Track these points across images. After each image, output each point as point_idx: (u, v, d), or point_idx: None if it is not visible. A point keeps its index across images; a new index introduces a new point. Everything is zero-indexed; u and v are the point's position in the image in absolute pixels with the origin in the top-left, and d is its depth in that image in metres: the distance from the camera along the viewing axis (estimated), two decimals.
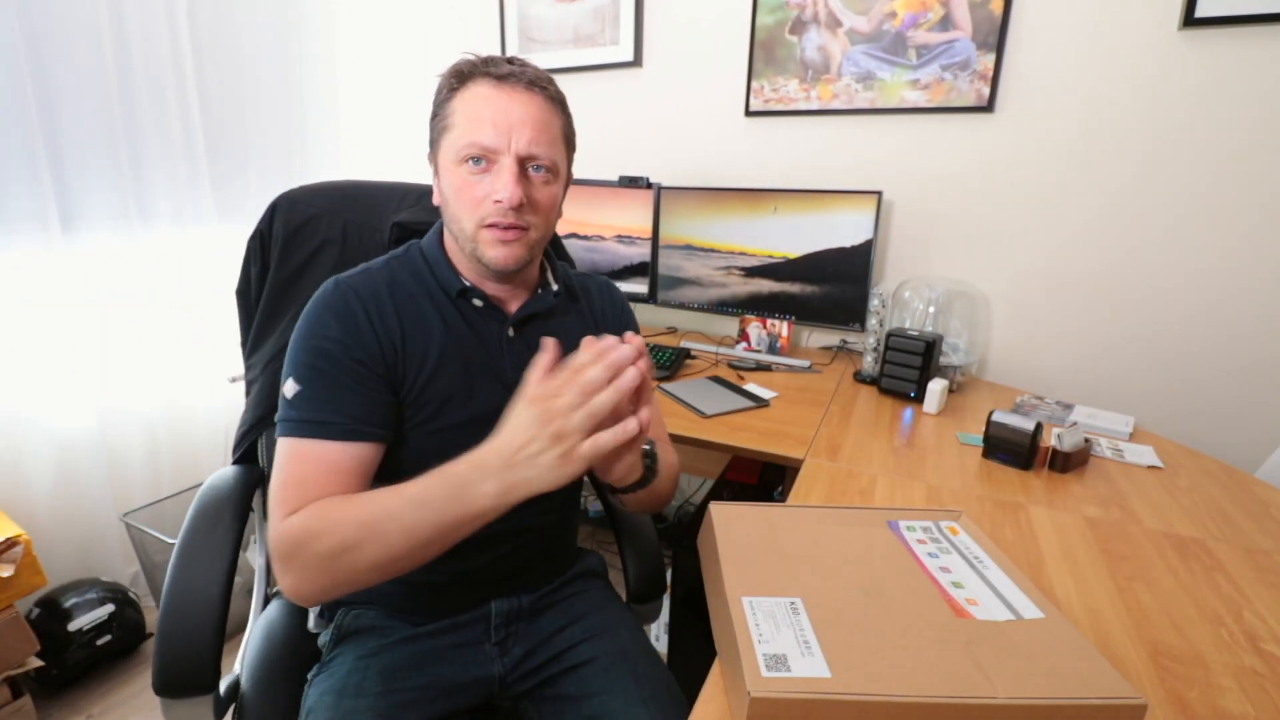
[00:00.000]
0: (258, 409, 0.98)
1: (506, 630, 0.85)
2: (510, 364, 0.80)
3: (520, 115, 0.72)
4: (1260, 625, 0.74)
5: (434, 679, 0.79)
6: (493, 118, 0.72)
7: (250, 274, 1.00)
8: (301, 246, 0.98)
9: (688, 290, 1.86)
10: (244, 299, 1.02)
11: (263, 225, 0.98)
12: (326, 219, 0.99)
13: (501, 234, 0.74)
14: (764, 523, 0.78)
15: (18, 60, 1.39)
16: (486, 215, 0.74)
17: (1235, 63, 1.34)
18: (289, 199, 0.99)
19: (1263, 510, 1.01)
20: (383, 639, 0.82)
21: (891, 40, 1.63)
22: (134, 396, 1.70)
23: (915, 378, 1.43)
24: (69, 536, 1.62)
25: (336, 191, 1.02)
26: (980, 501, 1.01)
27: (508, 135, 0.72)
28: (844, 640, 0.58)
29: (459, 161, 0.73)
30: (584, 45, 2.03)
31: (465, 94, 0.73)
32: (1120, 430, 1.29)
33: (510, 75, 0.73)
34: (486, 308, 0.81)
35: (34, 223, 1.46)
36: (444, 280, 0.79)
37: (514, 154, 0.72)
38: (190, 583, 0.78)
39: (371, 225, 1.00)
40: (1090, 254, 1.55)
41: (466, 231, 0.75)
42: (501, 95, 0.72)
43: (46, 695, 1.48)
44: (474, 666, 0.82)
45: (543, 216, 0.77)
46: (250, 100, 1.88)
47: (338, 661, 0.80)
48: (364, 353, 0.73)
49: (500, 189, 0.72)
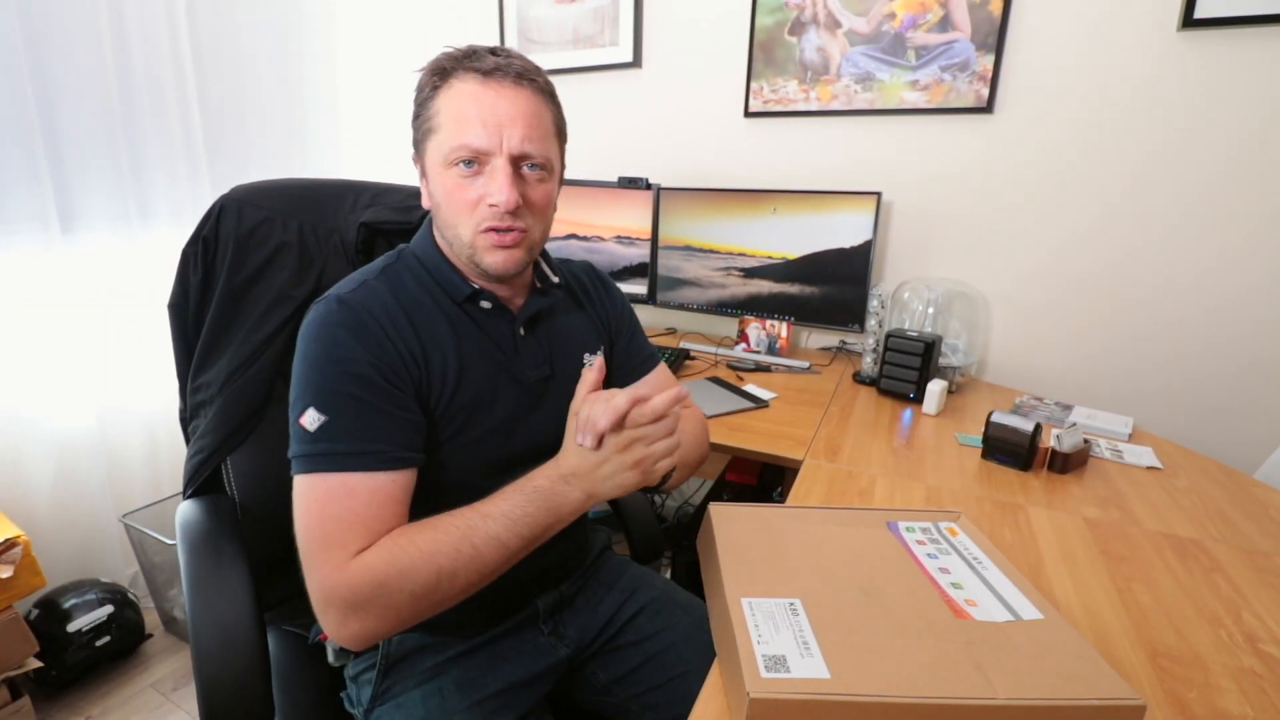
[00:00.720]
0: (218, 434, 0.88)
1: (554, 620, 0.87)
2: (527, 364, 0.79)
3: (510, 112, 0.68)
4: (1259, 626, 0.74)
5: (511, 678, 0.80)
6: (481, 117, 0.68)
7: (189, 284, 0.89)
8: (256, 251, 0.89)
9: (687, 291, 1.86)
10: (180, 313, 0.91)
11: (206, 230, 0.88)
12: (280, 220, 0.90)
13: (500, 238, 0.71)
14: (763, 523, 0.78)
15: (17, 60, 1.39)
16: (483, 220, 0.70)
17: (1234, 64, 1.34)
18: (236, 200, 0.89)
19: (1262, 511, 1.01)
20: (438, 656, 0.80)
21: (891, 41, 1.63)
22: (133, 397, 1.70)
23: (914, 378, 1.43)
24: (68, 537, 1.62)
25: (287, 191, 0.94)
26: (979, 502, 1.01)
27: (499, 135, 0.68)
28: (843, 641, 0.58)
29: (448, 165, 0.70)
30: (583, 46, 2.04)
31: (449, 92, 0.69)
32: (1119, 431, 1.29)
33: (496, 69, 0.68)
34: (495, 309, 0.78)
35: (34, 223, 1.46)
36: (449, 285, 0.76)
37: (507, 154, 0.69)
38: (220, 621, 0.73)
39: (329, 226, 0.93)
40: (1090, 254, 1.55)
41: (463, 238, 0.72)
42: (489, 92, 0.68)
43: (46, 696, 1.48)
44: (540, 658, 0.83)
45: (540, 216, 0.75)
46: (250, 100, 1.88)
47: (398, 689, 0.78)
48: (393, 373, 0.68)
49: (495, 192, 0.69)
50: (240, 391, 0.88)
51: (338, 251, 0.93)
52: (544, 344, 0.82)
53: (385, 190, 1.01)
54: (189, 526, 0.84)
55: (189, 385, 0.93)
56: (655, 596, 0.92)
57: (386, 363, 0.68)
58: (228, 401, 0.88)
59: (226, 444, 0.89)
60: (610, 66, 2.01)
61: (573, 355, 0.85)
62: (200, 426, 0.90)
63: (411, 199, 0.99)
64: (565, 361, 0.84)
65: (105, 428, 1.65)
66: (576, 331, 0.87)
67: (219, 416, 0.88)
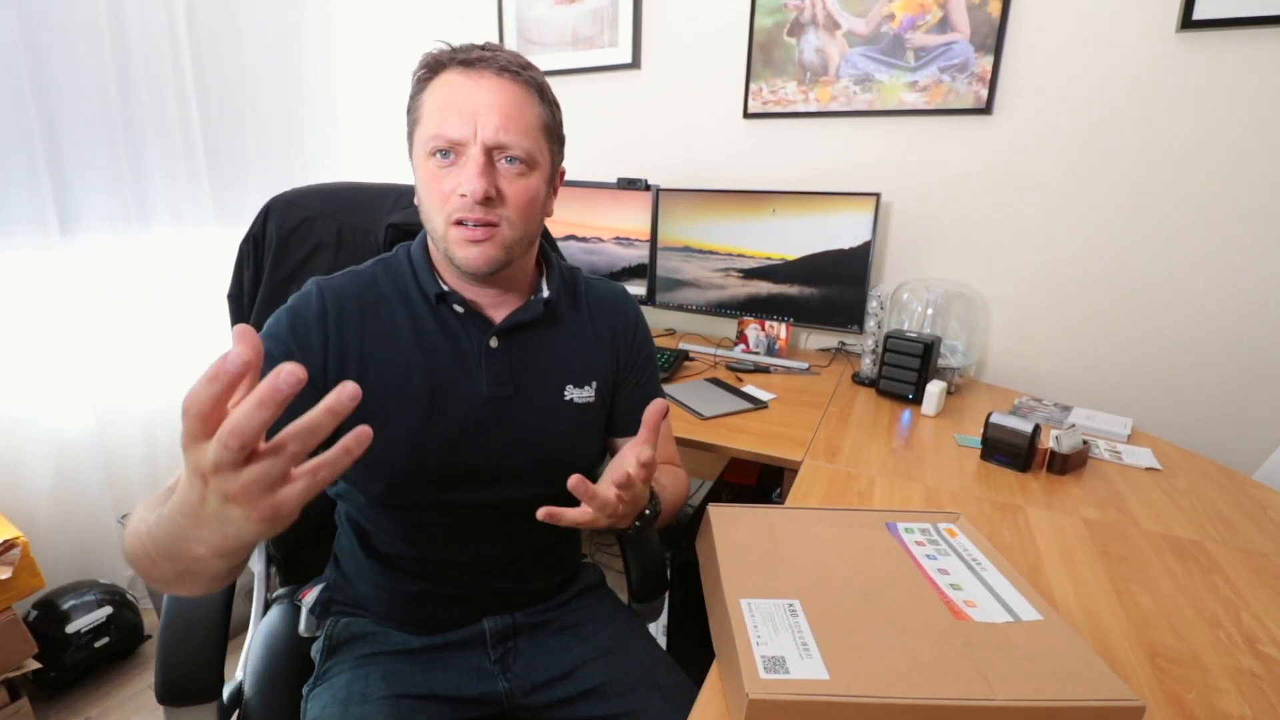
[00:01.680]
0: None
1: (504, 647, 0.83)
2: (489, 377, 0.76)
3: (487, 102, 0.67)
4: (1258, 627, 0.74)
5: (438, 687, 0.78)
6: (458, 106, 0.67)
7: (243, 278, 0.97)
8: (296, 249, 0.96)
9: (686, 292, 1.86)
10: (236, 303, 0.99)
11: (255, 228, 0.96)
12: (321, 221, 0.97)
13: (470, 232, 0.69)
14: (762, 524, 0.78)
15: (17, 61, 1.39)
16: (454, 211, 0.69)
17: (1234, 65, 1.34)
18: (283, 201, 0.97)
19: (1260, 512, 1.01)
20: (378, 645, 0.81)
21: (890, 42, 1.63)
22: (133, 398, 1.70)
23: (913, 379, 1.43)
24: (67, 538, 1.61)
25: (330, 193, 1.00)
26: (978, 503, 1.01)
27: (473, 123, 0.67)
28: (842, 642, 0.58)
29: (428, 155, 0.69)
30: (582, 47, 2.04)
31: (434, 84, 0.70)
32: (1118, 432, 1.29)
33: (479, 61, 0.68)
34: (468, 314, 0.76)
35: (33, 224, 1.46)
36: (424, 284, 0.75)
37: (480, 143, 0.67)
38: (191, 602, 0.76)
39: (365, 227, 0.98)
40: (1089, 255, 1.55)
41: (438, 230, 0.71)
42: (469, 83, 0.68)
43: (44, 697, 1.48)
44: (477, 681, 0.80)
45: (518, 212, 0.71)
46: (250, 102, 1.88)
47: (334, 671, 0.79)
48: (300, 351, 0.70)
49: (465, 182, 0.67)
50: None
51: (372, 250, 0.96)
52: (514, 359, 0.78)
53: None
54: None
55: None
56: (633, 668, 0.82)
57: (300, 339, 0.71)
58: None
59: None
60: (609, 67, 2.01)
61: (549, 379, 0.80)
62: None
63: None
64: (536, 383, 0.79)
65: (104, 429, 1.65)
66: (561, 356, 0.82)
67: None
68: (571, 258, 1.93)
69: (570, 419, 0.81)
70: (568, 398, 0.81)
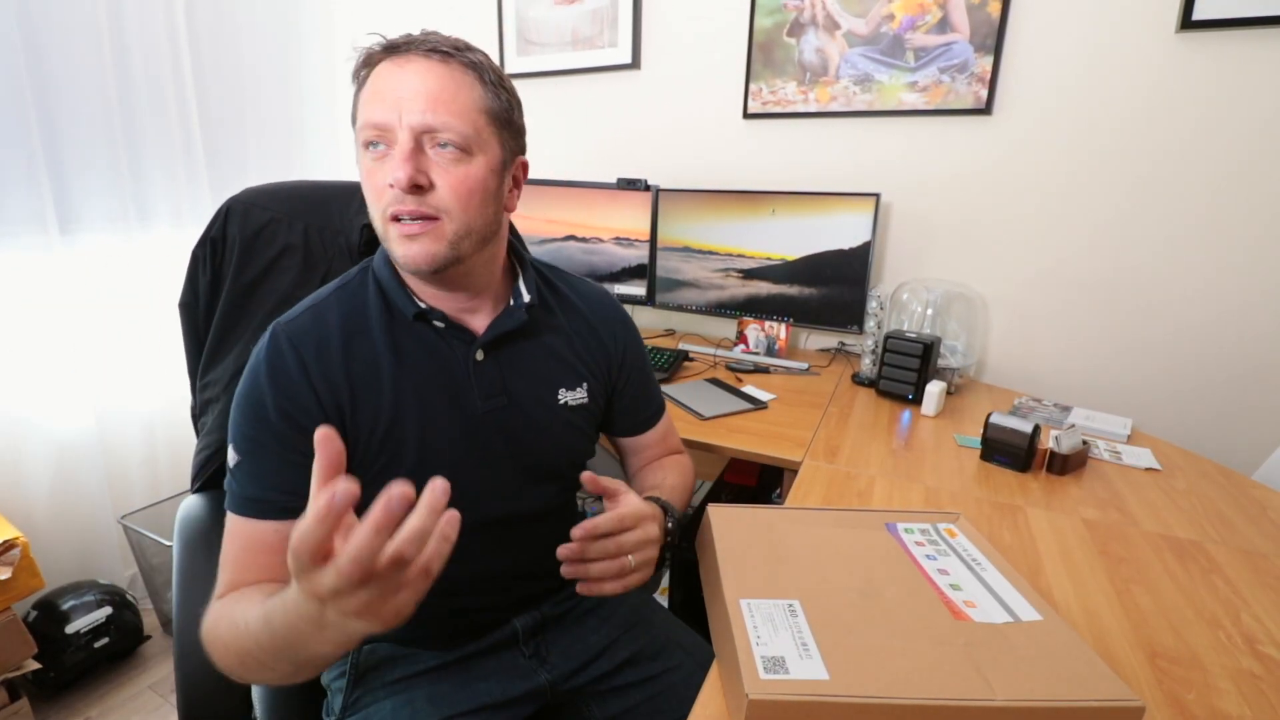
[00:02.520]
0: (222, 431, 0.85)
1: (536, 642, 0.84)
2: (479, 392, 0.74)
3: (415, 87, 0.63)
4: (1258, 627, 0.74)
5: (485, 698, 0.77)
6: (383, 93, 0.64)
7: (198, 284, 0.90)
8: (262, 252, 0.90)
9: (686, 292, 1.86)
10: (190, 312, 0.92)
11: (214, 231, 0.89)
12: (286, 222, 0.91)
13: (405, 227, 0.64)
14: (762, 525, 0.78)
15: (16, 62, 1.39)
16: (387, 205, 0.64)
17: (1234, 65, 1.34)
18: (241, 202, 0.90)
19: (1260, 513, 1.01)
20: (411, 667, 0.79)
21: (889, 42, 1.63)
22: (132, 398, 1.70)
23: (913, 380, 1.43)
24: (67, 539, 1.62)
25: (293, 192, 0.95)
26: (978, 503, 1.01)
27: (398, 108, 0.62)
28: (842, 642, 0.58)
29: (362, 149, 0.66)
30: (582, 48, 2.04)
31: (368, 80, 0.66)
32: (1118, 432, 1.29)
33: (406, 46, 0.65)
34: (449, 329, 0.73)
35: (33, 224, 1.46)
36: (397, 304, 0.71)
37: (406, 127, 0.62)
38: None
39: (334, 228, 0.93)
40: (1089, 255, 1.55)
41: (380, 230, 0.67)
42: (395, 69, 0.64)
43: (44, 698, 1.48)
44: (519, 681, 0.80)
45: (457, 202, 0.65)
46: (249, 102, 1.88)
47: (367, 700, 0.77)
48: (302, 413, 0.66)
49: (391, 170, 0.63)
50: None
51: (342, 253, 0.93)
52: (504, 370, 0.76)
53: None
54: (188, 521, 0.86)
55: (198, 382, 0.93)
56: (656, 635, 0.88)
57: (295, 404, 0.66)
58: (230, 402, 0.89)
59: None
60: (609, 68, 2.01)
61: (539, 384, 0.79)
62: (208, 423, 0.91)
63: None
64: (527, 389, 0.78)
65: (104, 429, 1.65)
66: (551, 358, 0.80)
67: (225, 414, 0.88)
68: (571, 258, 1.94)
69: (566, 421, 0.81)
70: (562, 401, 0.80)
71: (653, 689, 0.83)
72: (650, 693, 0.82)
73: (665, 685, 0.83)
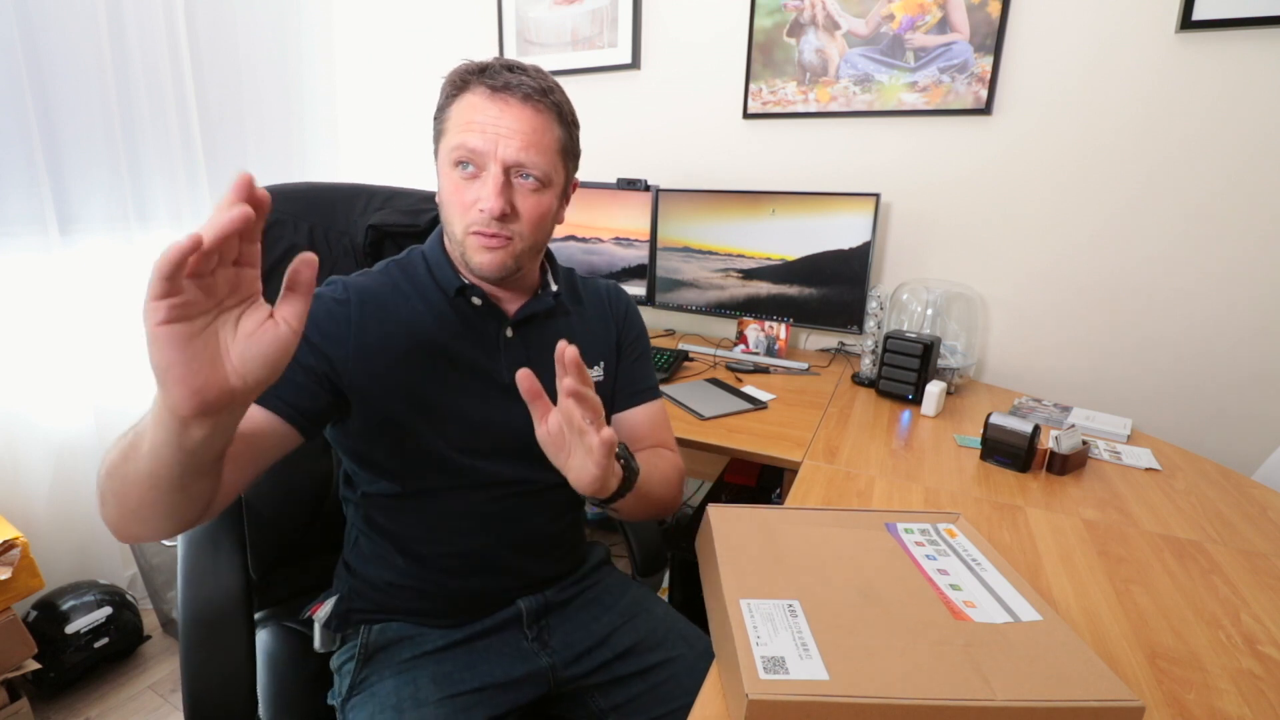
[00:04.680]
0: None
1: (539, 626, 0.87)
2: (506, 364, 0.81)
3: (511, 125, 0.72)
4: (1257, 627, 0.74)
5: (487, 678, 0.80)
6: (483, 125, 0.72)
7: None
8: (268, 253, 0.87)
9: (686, 292, 1.86)
10: None
11: None
12: (291, 223, 0.94)
13: (486, 240, 0.75)
14: (762, 525, 0.78)
15: (16, 62, 1.39)
16: (473, 222, 0.74)
17: (1234, 65, 1.34)
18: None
19: (1260, 513, 1.01)
20: (418, 648, 0.81)
21: (889, 43, 1.63)
22: (132, 399, 1.70)
23: (913, 380, 1.43)
24: (66, 539, 1.62)
25: (297, 195, 0.97)
26: (978, 504, 1.01)
27: (495, 143, 0.72)
28: (842, 642, 0.58)
29: (452, 164, 0.75)
30: (582, 48, 2.04)
31: (461, 101, 0.74)
32: (1118, 433, 1.29)
33: (506, 86, 0.73)
34: (485, 307, 0.81)
35: (32, 225, 1.46)
36: (443, 279, 0.80)
37: (500, 162, 0.72)
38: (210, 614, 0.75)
39: (339, 229, 0.97)
40: (1089, 255, 1.55)
41: (456, 235, 0.77)
42: (494, 105, 0.73)
43: (44, 698, 1.48)
44: (521, 663, 0.83)
45: (530, 225, 0.77)
46: (249, 102, 1.88)
47: (374, 679, 0.79)
48: (327, 343, 0.73)
49: (485, 198, 0.73)
50: None
51: (348, 253, 0.96)
52: (530, 347, 0.83)
53: (396, 194, 1.03)
54: None
55: None
56: (657, 625, 0.91)
57: (327, 328, 0.73)
58: None
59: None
60: (609, 68, 2.01)
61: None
62: None
63: (422, 204, 1.03)
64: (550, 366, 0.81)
65: (103, 429, 1.65)
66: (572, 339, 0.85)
67: None
68: (571, 258, 1.94)
69: None
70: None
71: (654, 678, 0.85)
72: (652, 682, 0.85)
73: (667, 675, 0.85)
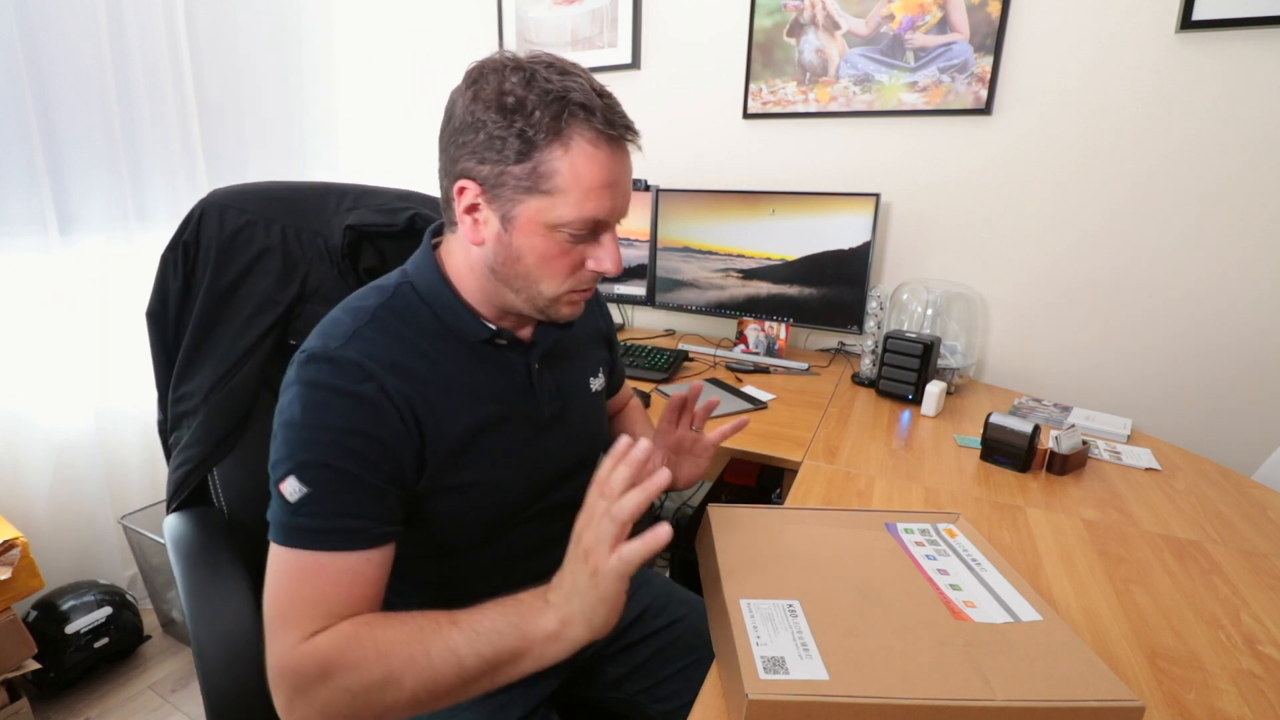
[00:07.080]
0: (204, 445, 0.86)
1: None
2: (543, 399, 0.76)
3: (625, 182, 0.67)
4: (1257, 628, 0.74)
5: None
6: (609, 187, 0.64)
7: (168, 291, 0.86)
8: (239, 255, 0.86)
9: (686, 292, 1.86)
10: (159, 321, 0.87)
11: (186, 235, 0.85)
12: (263, 225, 0.88)
13: (583, 295, 0.70)
14: (762, 525, 0.78)
15: (15, 62, 1.39)
16: (581, 282, 0.68)
17: (1233, 65, 1.34)
18: (215, 204, 0.87)
19: (1260, 513, 1.01)
20: None
21: (889, 43, 1.63)
22: (131, 399, 1.70)
23: (913, 380, 1.43)
24: (66, 539, 1.61)
25: (266, 194, 0.92)
26: (978, 504, 1.01)
27: (615, 205, 0.66)
28: (842, 643, 0.58)
29: (555, 229, 0.63)
30: (582, 48, 2.04)
31: (577, 151, 0.61)
32: (1118, 433, 1.29)
33: (621, 136, 0.65)
34: (510, 345, 0.74)
35: (32, 225, 1.46)
36: (460, 327, 0.70)
37: (617, 219, 0.68)
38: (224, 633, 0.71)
39: (312, 230, 0.91)
40: (1089, 255, 1.55)
41: (545, 294, 0.67)
42: (614, 160, 0.64)
43: (44, 698, 1.48)
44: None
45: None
46: (249, 102, 1.88)
47: None
48: (392, 437, 0.62)
49: (606, 259, 0.67)
50: (225, 401, 0.86)
51: (321, 255, 0.91)
52: (556, 375, 0.79)
53: (367, 193, 0.99)
54: (181, 539, 0.83)
55: (170, 395, 0.90)
56: (658, 594, 0.96)
57: (384, 428, 0.62)
58: (212, 411, 0.86)
59: (213, 455, 0.87)
60: (609, 68, 2.01)
61: (579, 381, 0.84)
62: (184, 438, 0.88)
63: (395, 201, 0.97)
64: (574, 387, 0.83)
65: (103, 429, 1.65)
66: (580, 354, 0.86)
67: (204, 427, 0.86)
68: None
69: (599, 407, 0.89)
70: (594, 389, 0.87)
71: (660, 642, 0.90)
72: (658, 645, 0.90)
73: (672, 637, 0.90)
